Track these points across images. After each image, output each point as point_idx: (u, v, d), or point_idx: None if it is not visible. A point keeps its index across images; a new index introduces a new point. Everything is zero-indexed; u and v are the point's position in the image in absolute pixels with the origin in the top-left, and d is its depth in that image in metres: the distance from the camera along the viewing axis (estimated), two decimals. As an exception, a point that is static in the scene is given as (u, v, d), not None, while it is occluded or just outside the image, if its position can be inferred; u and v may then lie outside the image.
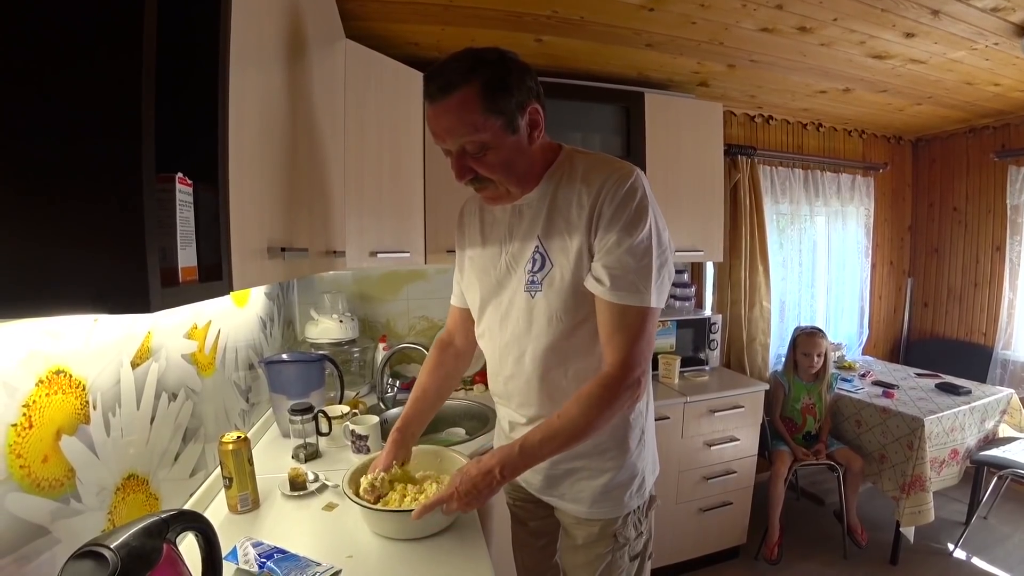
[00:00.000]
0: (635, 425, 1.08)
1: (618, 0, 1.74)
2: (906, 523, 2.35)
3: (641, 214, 0.94)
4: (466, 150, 0.94)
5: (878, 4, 1.76)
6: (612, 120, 2.32)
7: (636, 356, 0.95)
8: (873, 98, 2.79)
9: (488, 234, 1.13)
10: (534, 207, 1.03)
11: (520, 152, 0.97)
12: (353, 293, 2.36)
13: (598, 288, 0.95)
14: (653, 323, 0.97)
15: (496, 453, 0.98)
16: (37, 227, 0.46)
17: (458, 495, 0.97)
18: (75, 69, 0.45)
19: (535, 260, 1.02)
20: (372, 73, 1.74)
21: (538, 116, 0.97)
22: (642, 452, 1.10)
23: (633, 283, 0.93)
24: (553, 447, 0.96)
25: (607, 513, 1.08)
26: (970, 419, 2.51)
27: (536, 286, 1.02)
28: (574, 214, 0.98)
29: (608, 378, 0.95)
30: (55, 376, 0.77)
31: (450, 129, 0.93)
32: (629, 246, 0.93)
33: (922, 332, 3.67)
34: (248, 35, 0.74)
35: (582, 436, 0.95)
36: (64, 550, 0.76)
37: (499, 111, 0.91)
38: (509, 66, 0.93)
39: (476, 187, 1.00)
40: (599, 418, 0.94)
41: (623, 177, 0.95)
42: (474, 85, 0.89)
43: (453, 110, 0.91)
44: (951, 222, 3.48)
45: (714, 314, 2.69)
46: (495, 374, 1.16)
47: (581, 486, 1.09)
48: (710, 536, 2.44)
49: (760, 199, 2.93)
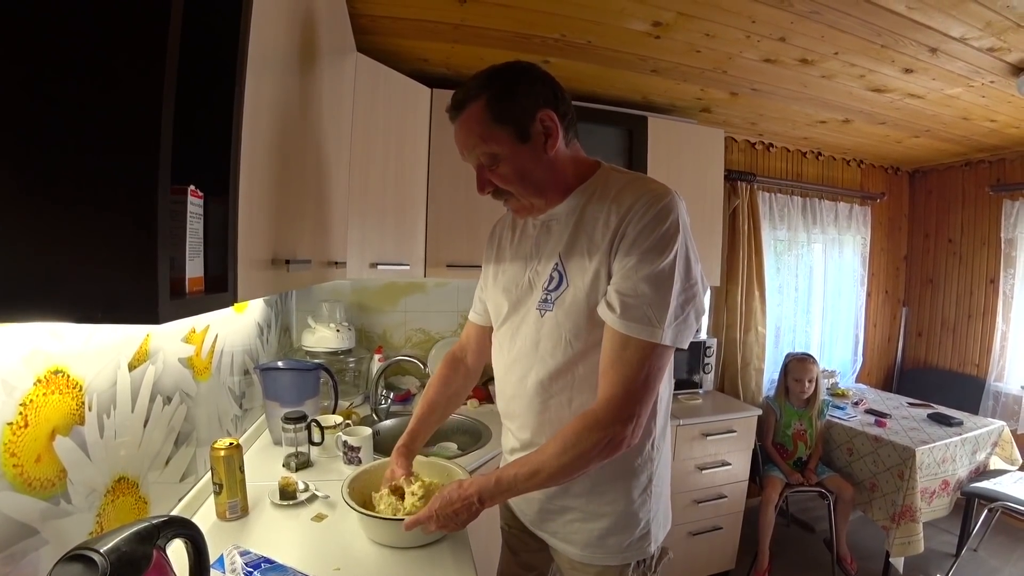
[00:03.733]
0: (640, 471, 0.99)
1: (625, 27, 1.78)
2: (896, 553, 2.34)
3: (668, 240, 0.86)
4: (482, 163, 0.94)
5: (878, 40, 1.80)
6: (615, 142, 2.35)
7: (629, 397, 0.86)
8: (872, 129, 2.83)
9: (517, 250, 1.09)
10: (562, 222, 0.99)
11: (535, 161, 0.93)
12: (351, 303, 2.37)
13: (608, 315, 0.88)
14: (660, 364, 0.88)
15: (475, 482, 0.96)
16: (51, 235, 0.47)
17: (436, 518, 0.96)
18: (97, 82, 0.46)
19: (552, 278, 0.97)
20: (380, 86, 1.76)
21: (552, 123, 0.93)
22: (647, 502, 1.01)
23: (645, 314, 0.85)
24: (532, 483, 0.91)
25: (601, 560, 1.01)
26: (962, 450, 2.51)
27: (548, 305, 0.97)
28: (599, 233, 0.92)
29: (591, 416, 0.87)
30: (53, 376, 0.77)
31: (465, 143, 0.94)
32: (648, 273, 0.85)
33: (915, 362, 3.69)
34: (265, 48, 0.76)
35: (558, 476, 0.89)
36: (51, 551, 0.75)
37: (506, 120, 0.90)
38: (519, 76, 0.92)
39: (502, 201, 1.00)
40: (576, 460, 0.87)
41: (656, 198, 0.88)
42: (482, 98, 0.90)
43: (464, 124, 0.93)
44: (946, 253, 3.52)
45: (709, 337, 2.70)
46: (500, 392, 1.12)
47: (575, 527, 1.02)
48: (699, 560, 2.42)
49: (759, 225, 2.96)
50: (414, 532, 1.01)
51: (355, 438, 1.47)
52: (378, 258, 1.80)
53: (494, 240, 1.19)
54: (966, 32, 1.72)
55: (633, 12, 1.68)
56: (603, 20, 1.74)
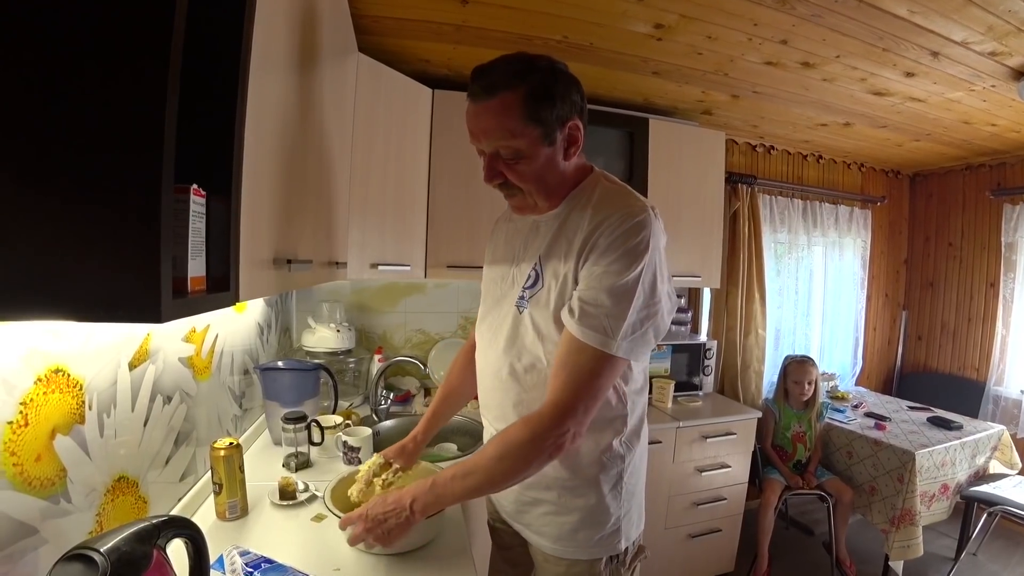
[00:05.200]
0: (609, 466, 1.00)
1: (627, 29, 1.78)
2: (895, 557, 2.34)
3: (635, 257, 0.87)
4: (500, 154, 0.92)
5: (880, 44, 1.80)
6: (616, 144, 2.35)
7: (573, 402, 0.86)
8: (873, 133, 2.84)
9: (506, 247, 1.11)
10: (549, 224, 1.01)
11: (553, 166, 0.94)
12: (351, 303, 2.36)
13: (566, 318, 0.90)
14: (608, 374, 0.89)
15: (412, 487, 0.95)
16: (53, 233, 0.47)
17: (366, 517, 0.95)
18: (101, 81, 0.46)
19: (530, 276, 1.00)
20: (382, 87, 1.76)
21: (578, 133, 0.94)
22: (618, 498, 1.02)
23: (602, 324, 0.86)
24: (465, 484, 0.90)
25: (572, 554, 1.02)
26: (961, 454, 2.51)
27: (524, 302, 1.00)
28: (576, 239, 0.94)
29: (535, 419, 0.87)
30: (54, 375, 0.77)
31: (487, 131, 0.91)
32: (611, 285, 0.87)
33: (915, 365, 3.69)
34: (267, 48, 0.76)
35: (502, 478, 0.89)
36: (51, 550, 0.75)
37: (539, 120, 0.89)
38: (557, 76, 0.90)
39: (504, 192, 0.99)
40: (516, 463, 0.87)
41: (630, 214, 0.89)
42: (519, 91, 0.87)
43: (493, 112, 0.88)
44: (946, 257, 3.52)
45: (709, 340, 2.70)
46: (480, 383, 1.14)
47: (547, 520, 1.04)
48: (698, 562, 2.42)
49: (759, 227, 2.96)
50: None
51: (355, 439, 1.47)
52: (379, 259, 1.80)
53: (493, 237, 1.21)
54: (968, 36, 1.73)
55: (635, 14, 1.68)
56: (605, 22, 1.74)
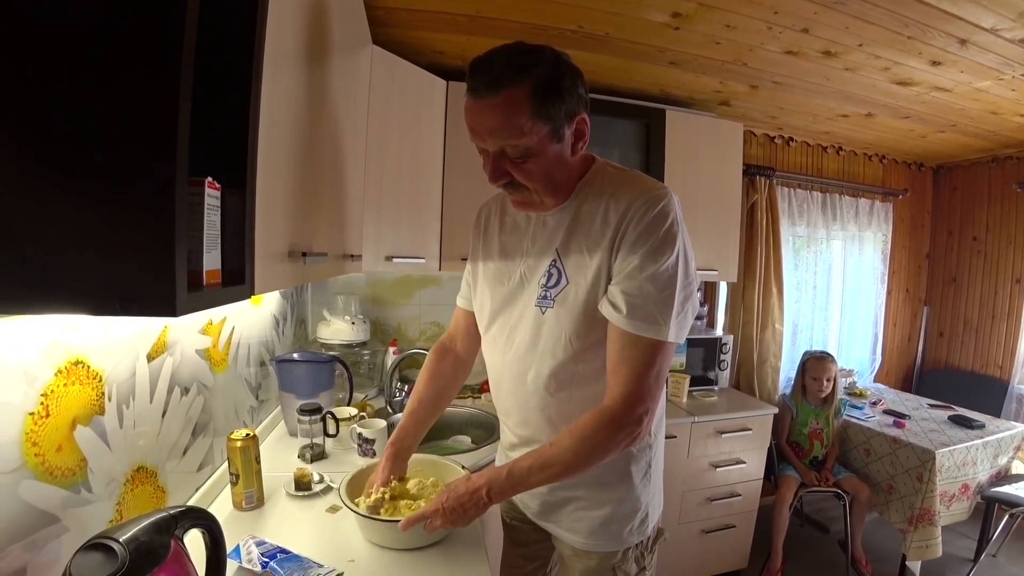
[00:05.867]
0: (640, 458, 1.03)
1: (644, 18, 1.75)
2: (912, 557, 2.30)
3: (669, 241, 0.87)
4: (506, 153, 0.88)
5: (905, 32, 1.75)
6: (633, 136, 2.32)
7: (641, 392, 0.88)
8: (895, 124, 2.77)
9: (507, 241, 1.07)
10: (558, 217, 0.98)
11: (561, 163, 0.91)
12: (366, 296, 2.37)
13: (613, 314, 0.89)
14: (666, 359, 0.91)
15: (485, 474, 0.95)
16: (69, 228, 0.47)
17: (443, 511, 0.95)
18: (114, 74, 0.46)
19: (550, 275, 0.97)
20: (396, 79, 1.76)
21: (584, 127, 0.92)
22: (647, 487, 1.04)
23: (651, 313, 0.87)
24: (543, 477, 0.92)
25: (605, 546, 1.03)
26: (983, 454, 2.46)
27: (548, 302, 0.96)
28: (597, 230, 0.92)
29: (606, 412, 0.89)
30: (74, 367, 0.78)
31: (493, 129, 0.85)
32: (652, 273, 0.87)
33: (936, 362, 3.62)
34: (281, 40, 0.76)
35: (572, 470, 0.90)
36: (72, 539, 0.76)
37: (548, 117, 0.85)
38: (563, 69, 0.86)
39: (509, 191, 0.95)
40: (592, 454, 0.89)
41: (655, 199, 0.88)
42: (526, 85, 0.82)
43: (500, 109, 0.83)
44: (970, 252, 3.43)
45: (725, 334, 2.67)
46: (496, 388, 1.11)
47: (579, 516, 1.04)
48: (711, 558, 2.41)
49: (777, 221, 2.91)
50: (412, 533, 1.00)
51: (370, 430, 1.48)
52: (393, 251, 1.80)
53: (480, 225, 1.17)
54: (997, 23, 1.67)
55: (653, 3, 1.65)
56: (622, 11, 1.71)
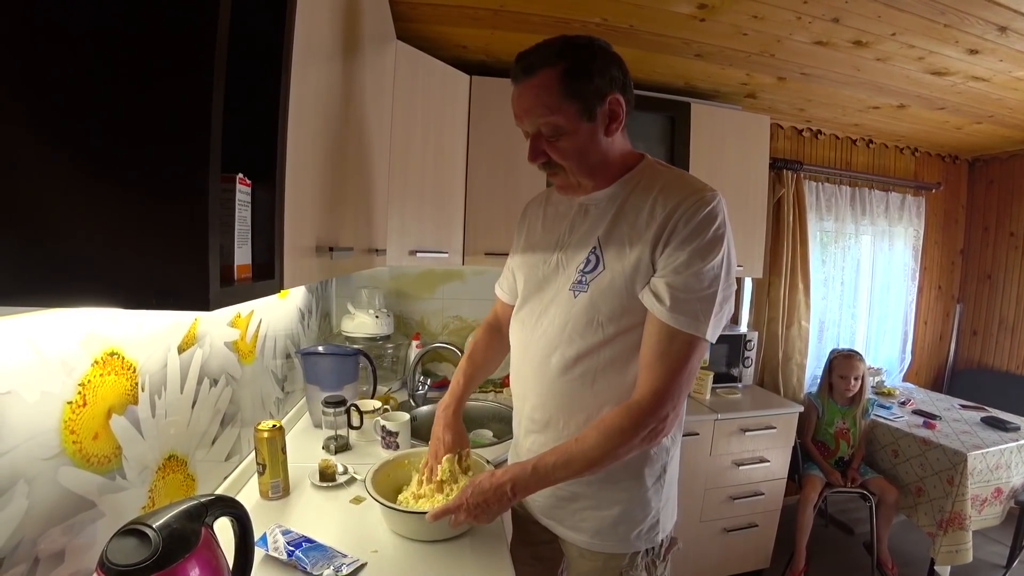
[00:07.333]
0: (655, 459, 1.02)
1: (669, 10, 1.72)
2: (941, 562, 2.25)
3: (717, 242, 0.90)
4: (541, 132, 0.94)
5: (941, 19, 1.70)
6: (657, 129, 2.29)
7: (672, 390, 0.90)
8: (929, 115, 2.68)
9: (548, 228, 1.11)
10: (601, 207, 1.00)
11: (595, 142, 0.94)
12: (390, 289, 2.40)
13: (656, 306, 0.90)
14: (699, 357, 0.92)
15: (509, 470, 0.96)
16: (106, 223, 0.48)
17: (467, 507, 0.96)
18: (150, 73, 0.47)
19: (589, 261, 0.99)
20: (420, 74, 1.76)
21: (619, 107, 0.94)
22: (660, 491, 1.03)
23: (694, 309, 0.88)
24: (568, 472, 0.93)
25: (610, 548, 1.03)
26: (1017, 457, 2.38)
27: (583, 286, 0.98)
28: (642, 223, 0.94)
29: (635, 407, 0.90)
30: (109, 358, 0.81)
31: (527, 110, 0.93)
32: (699, 270, 0.88)
33: (969, 362, 3.51)
34: (310, 36, 0.76)
35: (598, 466, 0.92)
36: (107, 523, 0.79)
37: (576, 95, 0.90)
38: (595, 52, 0.91)
39: (548, 172, 0.99)
40: (618, 450, 0.90)
41: (706, 200, 0.91)
42: (556, 68, 0.89)
43: (532, 90, 0.91)
44: (1007, 247, 3.31)
45: (750, 331, 2.63)
46: (517, 370, 1.12)
47: (585, 515, 1.04)
48: (733, 557, 2.38)
49: (804, 215, 2.85)
50: (435, 525, 1.01)
51: (393, 423, 1.50)
52: (417, 246, 1.81)
53: (525, 220, 1.21)
54: (1040, 9, 1.61)
55: (678, -5, 1.63)
56: (646, 3, 1.69)
